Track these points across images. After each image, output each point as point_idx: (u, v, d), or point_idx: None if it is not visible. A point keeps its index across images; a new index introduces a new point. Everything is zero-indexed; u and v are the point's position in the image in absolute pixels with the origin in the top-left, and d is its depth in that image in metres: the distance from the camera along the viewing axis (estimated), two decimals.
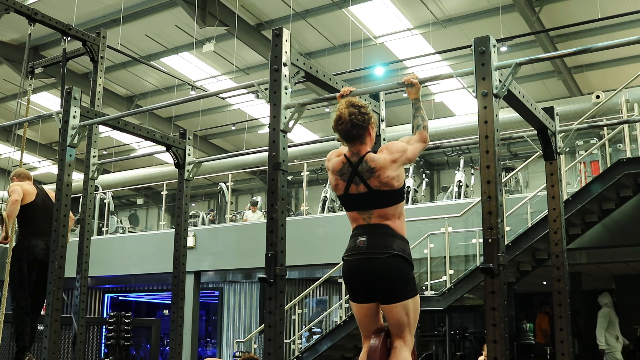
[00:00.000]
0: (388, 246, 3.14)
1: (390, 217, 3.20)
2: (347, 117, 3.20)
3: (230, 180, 13.55)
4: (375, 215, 3.20)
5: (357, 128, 3.21)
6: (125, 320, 8.78)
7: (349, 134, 3.22)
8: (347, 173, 3.24)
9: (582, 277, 11.33)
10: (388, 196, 3.19)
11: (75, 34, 6.16)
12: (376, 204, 3.19)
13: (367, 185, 3.18)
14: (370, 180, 3.17)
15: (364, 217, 3.23)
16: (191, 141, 5.09)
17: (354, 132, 3.21)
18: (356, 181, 3.21)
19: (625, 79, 8.91)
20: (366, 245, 3.17)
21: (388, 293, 3.16)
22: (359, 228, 3.25)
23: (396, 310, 3.16)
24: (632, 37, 3.13)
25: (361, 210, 3.23)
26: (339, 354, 9.36)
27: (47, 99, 15.34)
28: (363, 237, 3.19)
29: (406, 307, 3.17)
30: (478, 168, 11.22)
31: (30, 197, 5.20)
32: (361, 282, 3.21)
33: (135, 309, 18.44)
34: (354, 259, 3.20)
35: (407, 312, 3.18)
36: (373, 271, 3.15)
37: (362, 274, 3.18)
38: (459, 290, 8.21)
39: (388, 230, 3.18)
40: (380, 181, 3.16)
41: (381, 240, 3.16)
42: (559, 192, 4.12)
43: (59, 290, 4.33)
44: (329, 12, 11.52)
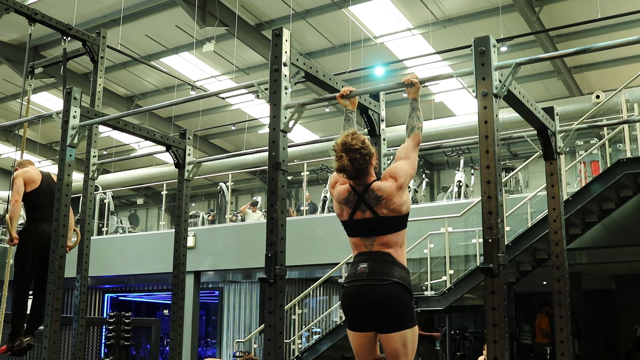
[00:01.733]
0: (389, 274, 3.12)
1: (392, 245, 3.18)
2: (351, 166, 3.17)
3: (230, 180, 13.55)
4: (378, 243, 3.18)
5: (361, 170, 3.20)
6: (125, 320, 8.78)
7: (352, 173, 3.20)
8: (352, 201, 3.23)
9: (582, 277, 11.32)
10: (394, 222, 3.19)
11: (75, 34, 6.16)
12: (381, 230, 3.18)
13: (373, 211, 3.18)
14: (378, 207, 3.17)
15: (366, 244, 3.22)
16: (191, 141, 5.09)
17: (359, 173, 3.20)
18: (362, 208, 3.21)
19: (625, 79, 8.91)
20: (367, 272, 3.15)
21: (386, 321, 3.13)
22: (360, 255, 3.24)
23: (394, 340, 3.13)
24: (632, 37, 3.13)
25: (364, 236, 3.22)
26: (339, 354, 9.35)
27: (47, 99, 15.34)
28: (364, 264, 3.18)
29: (404, 337, 3.13)
30: (478, 168, 11.22)
31: (35, 184, 5.14)
32: (360, 309, 3.17)
33: (135, 309, 18.44)
34: (354, 285, 3.18)
35: (405, 342, 3.14)
36: (373, 298, 3.12)
37: (361, 300, 3.16)
38: (459, 290, 8.21)
39: (389, 258, 3.17)
40: (388, 208, 3.16)
41: (382, 267, 3.14)
42: (559, 192, 4.12)
43: (59, 290, 4.33)
44: (329, 12, 11.52)
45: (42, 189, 5.18)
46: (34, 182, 5.16)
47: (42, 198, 5.15)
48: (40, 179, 5.21)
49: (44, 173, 5.32)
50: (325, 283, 10.90)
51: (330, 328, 9.33)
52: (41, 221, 5.11)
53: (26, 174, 5.17)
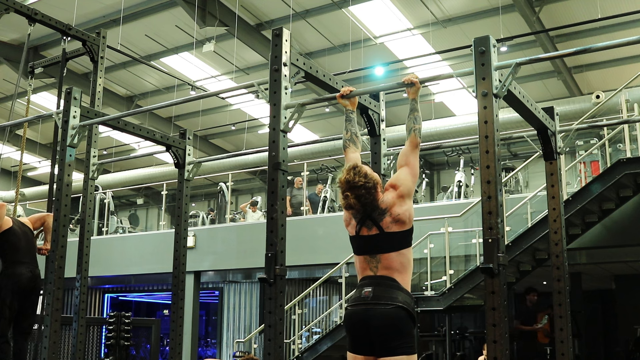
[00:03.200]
0: (393, 298, 3.12)
1: (397, 268, 3.18)
2: (358, 203, 3.18)
3: (230, 180, 13.54)
4: (382, 266, 3.18)
5: (369, 203, 3.19)
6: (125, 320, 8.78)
7: (361, 209, 3.21)
8: (359, 218, 3.25)
9: (582, 277, 11.32)
10: (398, 239, 3.18)
11: (75, 34, 6.16)
12: (385, 248, 3.18)
13: (379, 227, 3.19)
14: (383, 221, 3.18)
15: (371, 267, 3.21)
16: (191, 141, 5.09)
17: (367, 207, 3.20)
18: (368, 224, 3.22)
19: (625, 79, 8.91)
20: (371, 296, 3.14)
21: (384, 344, 3.11)
22: (365, 279, 3.23)
23: None
24: (632, 37, 3.13)
25: (369, 254, 3.22)
26: (339, 354, 9.35)
27: (47, 99, 15.34)
28: (369, 288, 3.17)
29: None
30: (478, 168, 11.22)
31: (8, 223, 5.16)
32: (362, 331, 3.16)
33: (135, 309, 18.43)
34: (358, 308, 3.18)
35: None
36: (375, 320, 3.11)
37: (363, 322, 3.15)
38: (459, 290, 8.21)
39: (394, 283, 3.17)
40: (392, 218, 3.17)
41: (387, 292, 3.14)
42: (559, 192, 4.12)
43: (59, 290, 4.33)
44: (329, 12, 11.52)
45: (16, 231, 5.18)
46: (7, 222, 5.16)
47: (18, 238, 5.16)
48: (12, 220, 5.23)
49: (13, 218, 5.33)
50: (325, 283, 10.90)
51: (330, 328, 9.33)
52: (18, 264, 5.11)
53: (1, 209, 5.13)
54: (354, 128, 3.57)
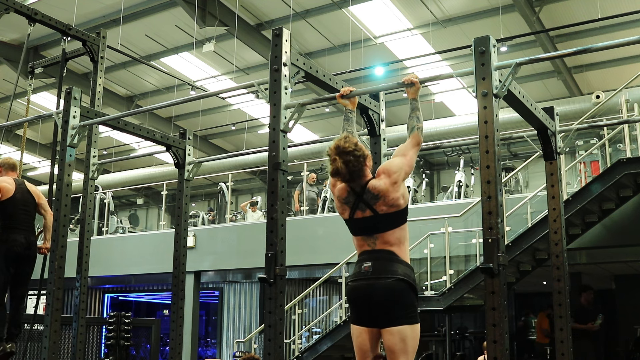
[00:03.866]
0: (393, 271, 3.15)
1: (394, 242, 3.21)
2: (345, 168, 3.19)
3: (230, 180, 13.54)
4: (380, 241, 3.21)
5: (356, 172, 3.21)
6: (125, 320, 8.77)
7: (348, 178, 3.22)
8: (352, 201, 3.26)
9: (582, 277, 11.32)
10: (394, 218, 3.21)
11: (75, 34, 6.16)
12: (382, 228, 3.21)
13: (373, 209, 3.20)
14: (377, 205, 3.19)
15: (369, 243, 3.24)
16: (191, 141, 5.09)
17: (354, 175, 3.22)
18: (362, 207, 3.24)
19: (625, 79, 8.91)
20: (371, 271, 3.18)
21: (386, 315, 3.15)
22: (364, 254, 3.26)
23: (393, 335, 3.13)
24: (632, 37, 3.13)
25: (366, 235, 3.25)
26: (339, 354, 9.35)
27: (47, 99, 15.34)
28: (368, 262, 3.20)
29: (402, 333, 3.12)
30: (478, 168, 11.22)
31: (8, 193, 5.21)
32: (364, 304, 3.20)
33: (135, 309, 18.43)
34: (359, 283, 3.22)
35: (404, 339, 3.12)
36: (376, 294, 3.15)
37: (366, 295, 3.19)
38: (459, 290, 8.21)
39: (393, 256, 3.19)
40: (386, 204, 3.19)
41: (386, 265, 3.17)
42: (559, 192, 4.12)
43: (59, 290, 4.33)
44: (329, 12, 11.53)
45: (16, 198, 5.24)
46: (8, 192, 5.22)
47: (16, 207, 5.23)
48: (15, 188, 5.27)
49: (18, 182, 5.38)
50: (325, 283, 10.90)
51: (330, 328, 9.33)
52: (14, 229, 5.18)
53: (1, 183, 5.22)
54: (350, 127, 3.59)
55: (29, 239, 5.24)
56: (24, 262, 5.19)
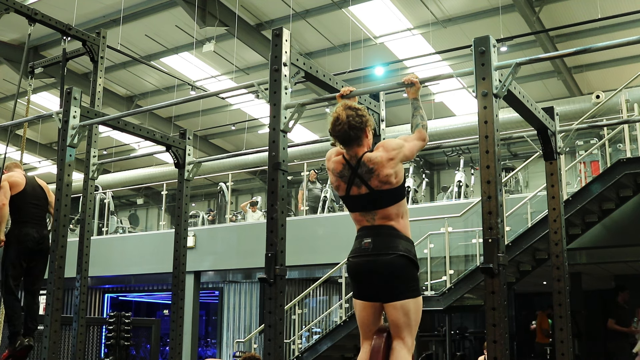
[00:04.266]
0: (394, 247, 3.15)
1: (393, 217, 3.20)
2: (345, 118, 3.19)
3: (230, 180, 13.54)
4: (379, 216, 3.20)
5: (355, 130, 3.20)
6: (125, 320, 8.78)
7: (346, 135, 3.20)
8: (347, 175, 3.25)
9: (582, 277, 11.32)
10: (389, 195, 3.19)
11: (75, 34, 6.16)
12: (378, 204, 3.20)
13: (368, 186, 3.18)
14: (371, 180, 3.18)
15: (367, 219, 3.24)
16: (191, 141, 5.09)
17: (352, 133, 3.20)
18: (357, 183, 3.22)
19: (625, 79, 8.91)
20: (371, 247, 3.18)
21: (388, 290, 3.17)
22: (363, 229, 3.26)
23: (396, 309, 3.17)
24: (632, 37, 3.13)
25: (364, 211, 3.24)
26: (339, 354, 9.35)
27: (47, 99, 15.34)
28: (368, 238, 3.20)
29: (405, 307, 3.16)
30: (478, 168, 11.21)
31: (19, 187, 5.23)
32: (366, 280, 3.22)
33: (135, 309, 18.43)
34: (360, 260, 3.22)
35: (407, 312, 3.16)
36: (377, 271, 3.16)
37: (367, 272, 3.20)
38: (459, 290, 8.21)
39: (393, 231, 3.19)
40: (379, 180, 3.17)
41: (386, 241, 3.17)
42: (559, 192, 4.12)
43: (59, 290, 4.33)
44: (329, 12, 11.52)
45: (26, 192, 5.27)
46: (19, 186, 5.24)
47: (27, 201, 5.25)
48: (25, 182, 5.30)
49: (28, 177, 5.41)
50: (325, 283, 10.90)
51: (330, 328, 9.33)
52: (26, 224, 5.20)
53: (11, 178, 5.25)
54: None
55: (41, 233, 5.25)
56: (36, 257, 5.19)
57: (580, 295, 11.47)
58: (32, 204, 5.26)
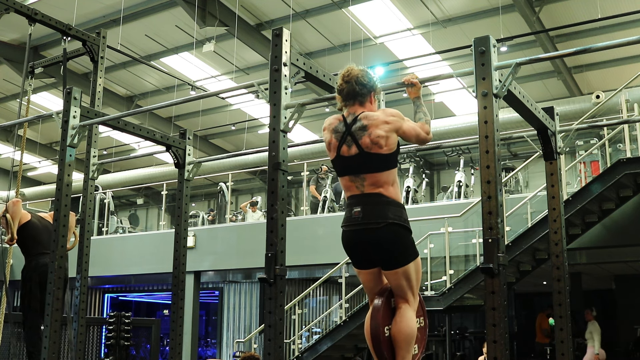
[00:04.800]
0: (383, 215, 3.15)
1: (382, 184, 3.19)
2: (355, 73, 3.25)
3: (230, 180, 13.54)
4: (368, 183, 3.19)
5: (361, 85, 3.24)
6: (125, 320, 8.78)
7: (351, 89, 3.24)
8: (340, 132, 3.26)
9: (582, 277, 11.33)
10: (378, 160, 3.18)
11: (75, 34, 6.16)
12: (367, 167, 3.19)
13: (358, 145, 3.18)
14: (362, 139, 3.17)
15: (356, 185, 3.22)
16: (191, 141, 5.09)
17: (357, 88, 3.24)
18: (348, 142, 3.21)
19: (625, 79, 8.91)
20: (361, 216, 3.18)
21: (388, 261, 3.21)
22: (352, 198, 3.25)
23: (397, 276, 3.21)
24: (632, 37, 3.13)
25: (353, 174, 3.23)
26: (339, 354, 9.35)
27: (47, 99, 15.34)
28: (358, 207, 3.20)
29: (407, 272, 3.22)
30: (478, 168, 11.21)
31: (26, 217, 5.20)
32: (361, 252, 3.26)
33: (135, 309, 18.44)
34: (351, 230, 3.23)
35: (409, 276, 3.22)
36: (371, 241, 3.17)
37: (361, 243, 3.22)
38: (459, 290, 8.21)
39: (382, 198, 3.18)
40: (371, 139, 3.16)
41: (376, 209, 3.16)
42: (559, 192, 4.12)
43: (59, 290, 4.33)
44: (329, 12, 11.52)
45: (36, 224, 5.22)
46: (25, 216, 5.20)
47: (37, 229, 5.20)
48: (30, 215, 5.27)
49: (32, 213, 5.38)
50: (325, 283, 10.90)
51: (330, 328, 9.33)
52: (41, 255, 5.12)
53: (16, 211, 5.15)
54: None
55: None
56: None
57: (580, 295, 11.48)
58: (44, 232, 5.19)
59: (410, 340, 3.20)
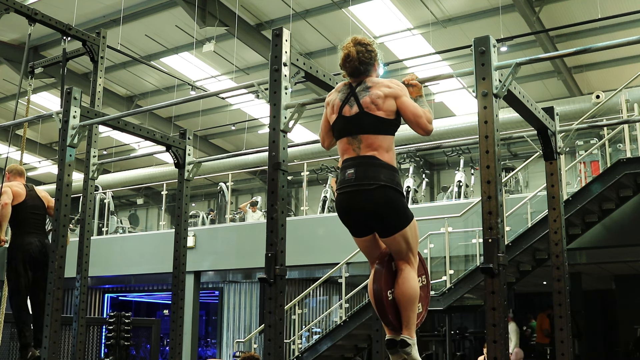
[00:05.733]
0: (376, 177, 3.15)
1: (378, 147, 3.19)
2: (355, 55, 3.27)
3: (230, 180, 13.54)
4: (364, 145, 3.20)
5: (364, 64, 3.29)
6: (125, 320, 8.78)
7: (356, 69, 3.29)
8: (345, 93, 3.29)
9: (582, 277, 11.32)
10: (376, 121, 3.19)
11: (75, 34, 6.16)
12: (365, 128, 3.20)
13: (359, 105, 3.21)
14: (363, 98, 3.21)
15: (353, 148, 3.23)
16: (191, 141, 5.09)
17: (362, 68, 3.29)
18: (351, 102, 3.24)
19: (625, 79, 8.91)
20: (354, 177, 3.18)
21: (383, 227, 3.22)
22: (347, 160, 3.26)
23: (395, 241, 3.23)
24: (632, 37, 3.13)
25: (350, 135, 3.24)
26: (339, 354, 9.35)
27: (47, 99, 15.34)
28: (351, 169, 3.21)
29: (404, 235, 3.22)
30: (478, 168, 11.21)
31: (20, 198, 5.24)
32: (355, 218, 3.26)
33: (135, 309, 18.43)
34: (344, 192, 3.23)
35: (406, 240, 3.24)
36: (364, 206, 3.18)
37: (354, 209, 3.22)
38: (459, 290, 8.21)
39: (376, 160, 3.18)
40: (370, 99, 3.19)
41: (369, 171, 3.16)
42: (559, 192, 4.12)
43: (59, 290, 4.33)
44: (329, 12, 11.52)
45: (26, 204, 5.27)
46: (19, 197, 5.25)
47: (27, 212, 5.25)
48: (25, 193, 5.30)
49: (28, 187, 5.40)
50: (325, 283, 10.90)
51: (330, 328, 9.33)
52: (27, 234, 5.20)
53: (13, 187, 5.25)
54: None
55: (43, 242, 5.25)
56: (40, 266, 5.18)
57: (580, 295, 11.48)
58: (33, 214, 5.27)
59: (414, 300, 3.23)
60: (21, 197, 5.25)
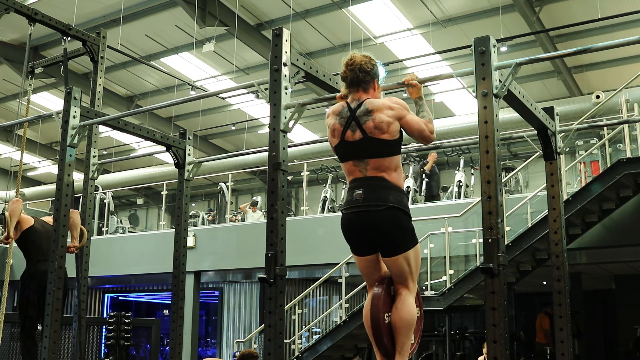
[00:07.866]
0: (384, 199, 3.15)
1: (385, 169, 3.19)
2: (358, 61, 3.27)
3: (230, 180, 13.54)
4: (371, 167, 3.19)
5: (364, 73, 3.27)
6: (125, 320, 8.78)
7: (355, 76, 3.26)
8: (345, 117, 3.25)
9: (582, 277, 11.32)
10: (382, 145, 3.18)
11: (75, 34, 6.17)
12: (371, 152, 3.19)
13: (362, 130, 3.18)
14: (366, 124, 3.18)
15: (360, 169, 3.23)
16: (191, 141, 5.09)
17: (361, 75, 3.26)
18: (352, 127, 3.21)
19: (625, 79, 8.91)
20: (362, 198, 3.18)
21: (388, 247, 3.20)
22: (355, 181, 3.25)
23: (398, 262, 3.21)
24: (632, 37, 3.13)
25: (356, 159, 3.23)
26: (339, 354, 9.35)
27: (47, 99, 15.34)
28: (359, 190, 3.20)
29: (407, 258, 3.21)
30: (478, 168, 11.21)
31: (29, 222, 5.15)
32: (360, 236, 3.24)
33: (135, 309, 18.43)
34: (352, 212, 3.22)
35: (409, 263, 3.23)
36: (371, 225, 3.17)
37: (360, 227, 3.21)
38: (459, 290, 8.21)
39: (384, 182, 3.18)
40: (374, 124, 3.16)
41: (377, 193, 3.16)
42: (559, 192, 4.12)
43: (59, 290, 4.33)
44: (329, 12, 11.52)
45: (38, 230, 5.16)
46: (28, 221, 5.15)
47: (39, 236, 5.14)
48: (33, 220, 5.21)
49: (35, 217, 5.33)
50: (325, 283, 10.90)
51: (330, 328, 9.33)
52: (40, 261, 5.07)
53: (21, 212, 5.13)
54: None
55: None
56: None
57: (580, 295, 11.48)
58: (45, 238, 5.11)
59: (410, 326, 3.22)
60: (29, 221, 5.15)
